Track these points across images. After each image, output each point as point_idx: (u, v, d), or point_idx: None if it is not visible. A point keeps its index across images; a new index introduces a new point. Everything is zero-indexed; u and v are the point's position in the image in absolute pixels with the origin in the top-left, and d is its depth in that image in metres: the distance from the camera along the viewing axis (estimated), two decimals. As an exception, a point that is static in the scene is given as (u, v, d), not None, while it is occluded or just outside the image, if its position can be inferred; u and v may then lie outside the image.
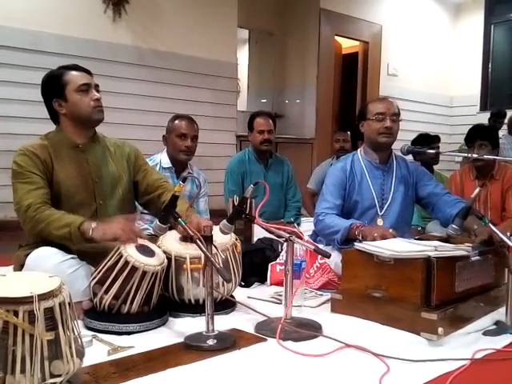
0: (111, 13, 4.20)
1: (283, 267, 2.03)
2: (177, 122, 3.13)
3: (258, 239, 2.81)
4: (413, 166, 2.74)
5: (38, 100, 2.17)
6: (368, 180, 2.60)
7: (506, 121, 5.98)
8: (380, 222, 2.57)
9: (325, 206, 2.57)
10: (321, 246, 2.60)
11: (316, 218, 2.58)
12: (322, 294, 2.30)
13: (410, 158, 3.80)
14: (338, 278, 2.35)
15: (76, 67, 2.13)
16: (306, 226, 3.56)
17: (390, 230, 2.25)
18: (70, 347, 1.23)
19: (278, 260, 2.55)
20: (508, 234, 1.96)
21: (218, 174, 4.26)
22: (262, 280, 2.51)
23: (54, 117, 2.16)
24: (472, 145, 3.25)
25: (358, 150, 2.71)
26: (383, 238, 2.15)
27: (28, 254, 1.93)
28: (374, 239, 2.17)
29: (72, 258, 1.94)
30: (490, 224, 2.01)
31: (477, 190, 2.06)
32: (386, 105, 2.55)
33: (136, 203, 2.38)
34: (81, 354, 1.30)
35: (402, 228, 2.60)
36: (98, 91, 2.14)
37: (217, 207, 3.81)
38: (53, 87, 2.10)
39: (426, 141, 4.15)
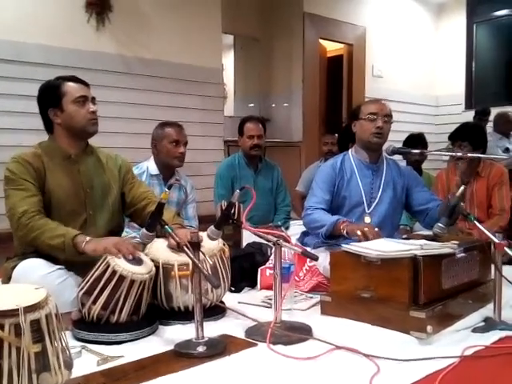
0: (95, 22, 4.18)
1: (273, 271, 2.03)
2: (168, 129, 3.14)
3: (248, 244, 2.81)
4: (405, 170, 2.78)
5: (23, 111, 2.18)
6: (357, 177, 2.64)
7: (491, 118, 6.05)
8: (367, 219, 2.60)
9: (314, 200, 2.62)
10: (308, 250, 2.62)
11: (305, 212, 2.63)
12: (311, 297, 2.30)
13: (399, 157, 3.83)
14: (327, 280, 2.35)
15: (74, 79, 2.15)
16: (296, 229, 3.56)
17: (376, 229, 2.28)
18: (58, 359, 1.22)
19: (267, 264, 2.55)
20: (494, 230, 1.99)
21: (206, 179, 4.26)
22: (252, 285, 2.51)
23: (48, 126, 2.16)
24: (454, 144, 3.30)
25: (350, 150, 2.75)
26: (371, 234, 2.18)
27: (15, 266, 1.92)
28: (363, 234, 2.19)
29: (59, 268, 1.94)
30: (475, 221, 2.03)
31: (461, 188, 2.08)
32: (378, 106, 2.60)
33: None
34: (69, 366, 1.29)
35: (389, 229, 2.62)
36: (94, 104, 2.16)
37: (206, 213, 3.81)
38: (50, 96, 2.12)
39: (417, 141, 4.16)
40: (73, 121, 2.10)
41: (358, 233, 2.22)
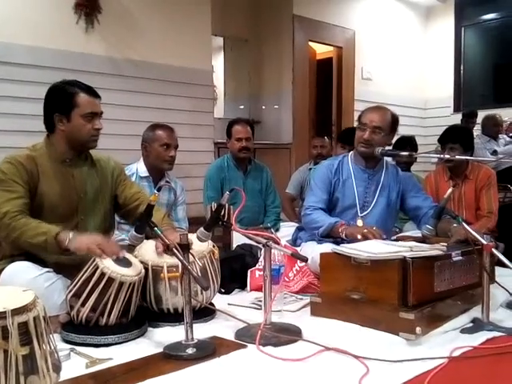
0: (83, 23, 4.16)
1: (262, 273, 2.03)
2: (159, 131, 3.13)
3: (238, 245, 2.81)
4: (403, 176, 2.81)
5: (10, 112, 2.14)
6: (353, 181, 2.67)
7: (479, 121, 6.10)
8: (360, 222, 2.62)
9: (313, 200, 2.66)
10: (298, 249, 2.64)
11: (304, 212, 2.67)
12: (301, 298, 2.31)
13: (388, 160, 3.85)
14: (317, 280, 2.36)
15: (90, 90, 2.11)
16: (286, 230, 3.57)
17: (374, 228, 2.30)
18: (46, 361, 1.21)
19: (257, 266, 2.55)
20: (482, 232, 2.00)
21: (196, 181, 4.25)
22: (243, 286, 2.51)
23: (50, 127, 2.13)
24: (444, 147, 3.32)
25: (349, 153, 2.78)
26: (372, 235, 2.21)
27: (2, 270, 1.90)
28: (364, 238, 2.21)
29: (48, 271, 1.93)
30: (463, 223, 2.04)
31: (449, 190, 2.09)
32: (369, 116, 2.62)
33: (115, 215, 2.38)
34: (57, 368, 1.28)
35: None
36: (100, 118, 2.14)
37: (196, 215, 3.80)
38: (60, 102, 2.09)
39: (407, 144, 4.18)
40: (76, 134, 2.09)
41: (359, 237, 2.24)
